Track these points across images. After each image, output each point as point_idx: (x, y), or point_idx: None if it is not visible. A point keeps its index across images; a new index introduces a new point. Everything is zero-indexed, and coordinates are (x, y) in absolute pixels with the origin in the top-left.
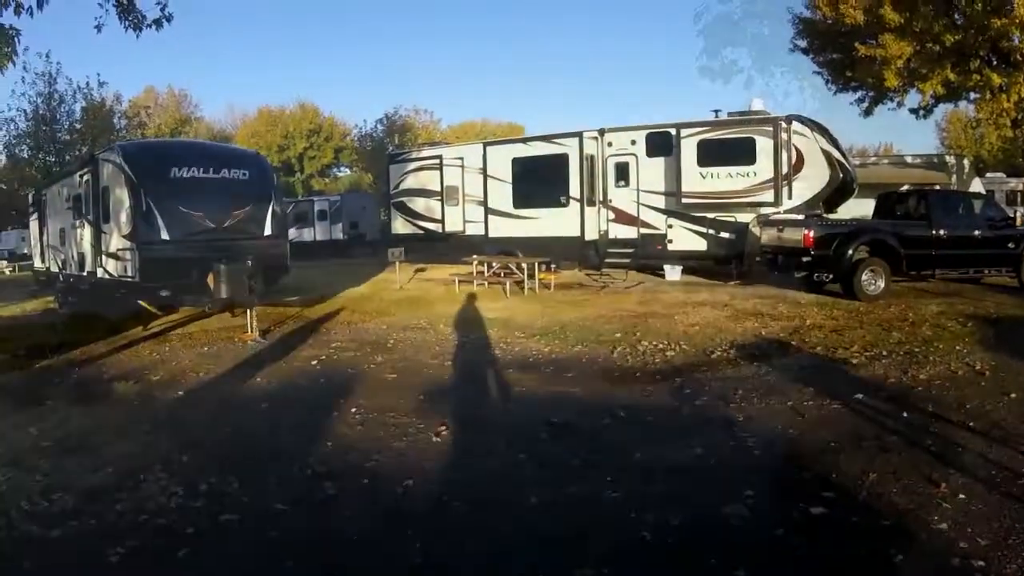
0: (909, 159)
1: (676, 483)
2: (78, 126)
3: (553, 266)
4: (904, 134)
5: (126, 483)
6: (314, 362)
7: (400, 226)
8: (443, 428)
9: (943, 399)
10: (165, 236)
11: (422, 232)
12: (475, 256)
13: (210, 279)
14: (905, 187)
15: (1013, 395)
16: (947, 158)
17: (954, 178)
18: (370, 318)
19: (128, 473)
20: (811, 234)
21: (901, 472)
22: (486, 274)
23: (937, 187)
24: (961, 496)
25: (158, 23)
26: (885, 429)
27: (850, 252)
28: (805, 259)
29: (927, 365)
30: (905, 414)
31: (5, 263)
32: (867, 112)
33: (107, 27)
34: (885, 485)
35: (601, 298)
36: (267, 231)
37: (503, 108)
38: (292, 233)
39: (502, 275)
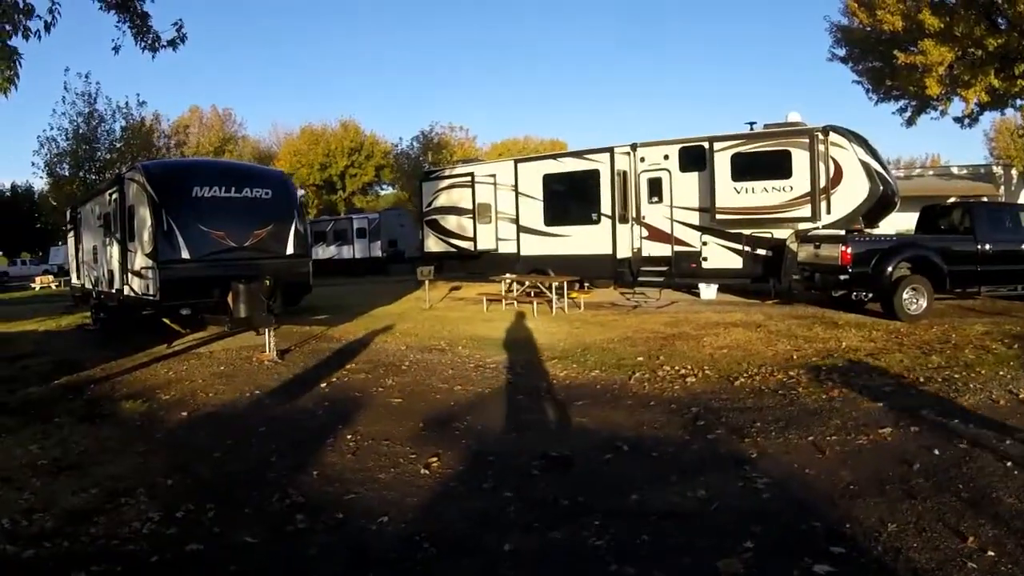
0: (955, 170)
1: (669, 530)
2: (118, 145)
3: (586, 284)
4: (951, 144)
5: (107, 506)
6: (323, 384)
7: (433, 244)
8: (434, 460)
9: (981, 434)
10: (186, 255)
11: (454, 250)
12: (508, 275)
13: (230, 298)
14: (952, 200)
15: None
16: (994, 168)
17: (1002, 189)
18: (392, 338)
19: (112, 496)
20: (849, 251)
21: (925, 522)
22: (515, 293)
23: (984, 199)
24: (990, 553)
25: (173, 43)
26: (912, 469)
27: (890, 269)
28: (843, 277)
29: (967, 393)
30: (937, 451)
31: (52, 278)
32: (909, 122)
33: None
34: (904, 538)
35: (630, 318)
36: (289, 250)
37: (546, 125)
38: (331, 251)
39: (532, 294)
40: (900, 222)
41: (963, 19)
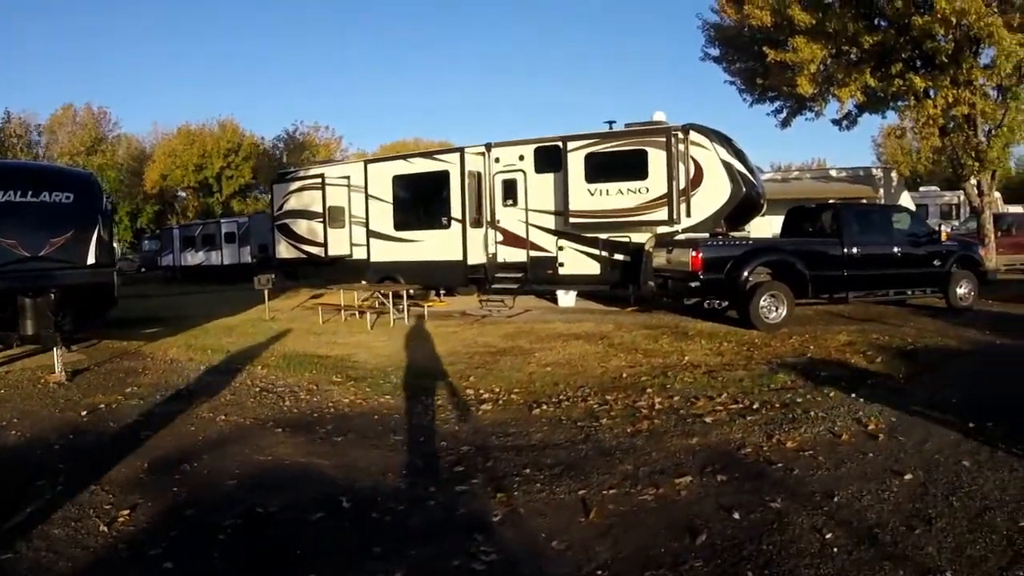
0: (833, 173)
1: None
2: None
3: (441, 292)
4: (840, 150)
5: None
6: (85, 413)
7: (284, 250)
8: (126, 513)
9: (806, 483)
10: None
11: (305, 256)
12: (363, 281)
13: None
14: (831, 201)
15: (908, 476)
16: (874, 171)
17: (881, 192)
18: (200, 355)
19: None
20: (700, 255)
21: None
22: (355, 303)
23: (864, 201)
24: None
25: None
26: (695, 543)
27: (746, 275)
28: (694, 284)
29: (804, 424)
30: (737, 514)
31: None
32: (784, 123)
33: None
34: None
35: (472, 329)
36: (90, 259)
37: (437, 127)
38: (200, 257)
39: (376, 304)
40: (778, 226)
41: (836, 15)
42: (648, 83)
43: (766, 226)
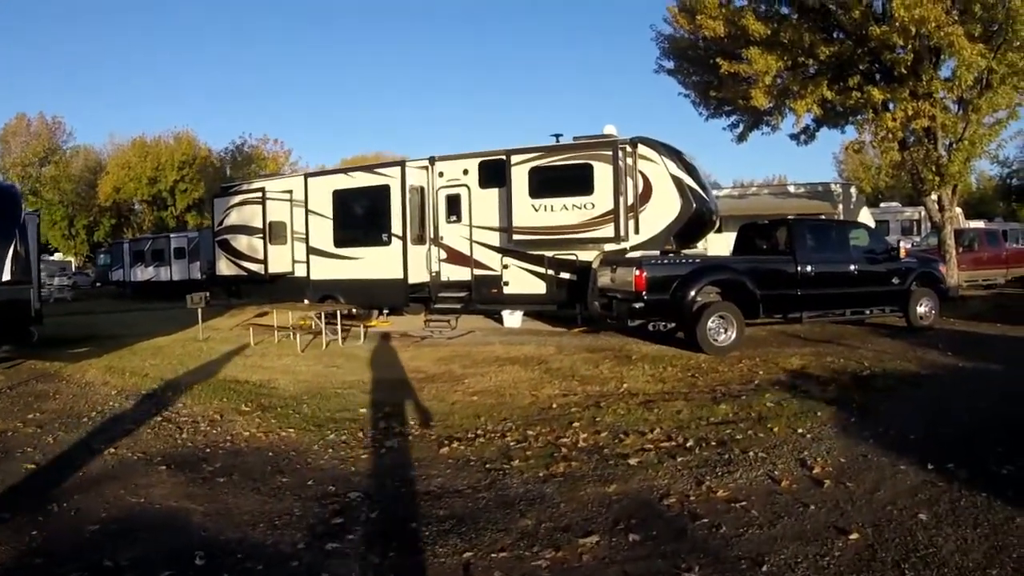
0: (792, 188)
1: None
2: None
3: (385, 312)
4: (803, 167)
5: None
6: None
7: (224, 267)
8: None
9: (733, 545)
10: None
11: (245, 274)
12: (305, 300)
13: None
14: (791, 216)
15: (854, 536)
16: (833, 187)
17: (840, 207)
18: (117, 379)
19: None
20: (643, 275)
21: None
22: (290, 323)
23: (822, 217)
24: None
25: None
26: None
27: (692, 295)
28: (637, 305)
29: (740, 466)
30: None
31: None
32: (741, 138)
33: None
34: None
35: (407, 352)
36: (6, 276)
37: (400, 140)
38: (150, 272)
39: (312, 325)
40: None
41: (791, 25)
42: (618, 98)
43: (723, 243)
